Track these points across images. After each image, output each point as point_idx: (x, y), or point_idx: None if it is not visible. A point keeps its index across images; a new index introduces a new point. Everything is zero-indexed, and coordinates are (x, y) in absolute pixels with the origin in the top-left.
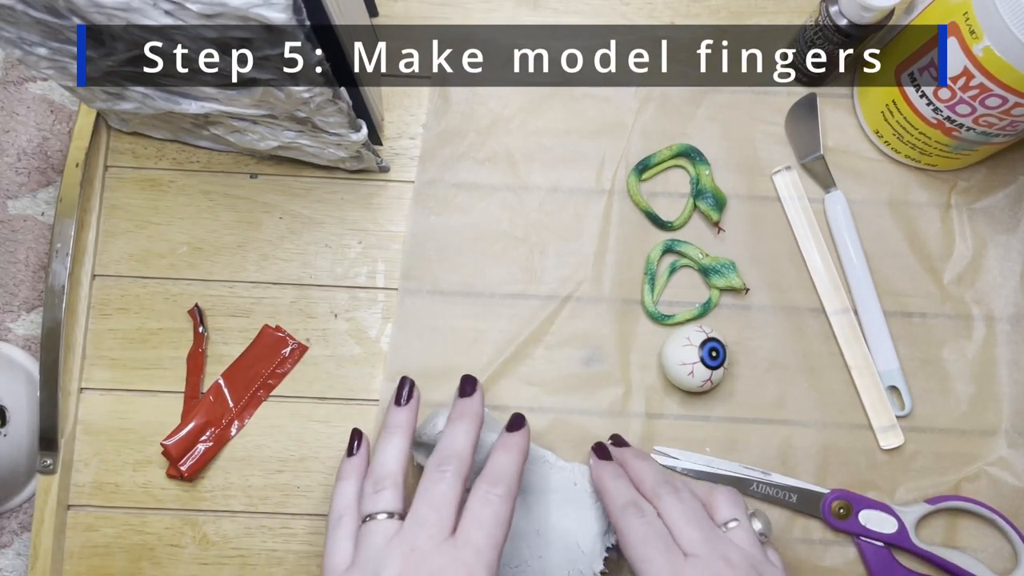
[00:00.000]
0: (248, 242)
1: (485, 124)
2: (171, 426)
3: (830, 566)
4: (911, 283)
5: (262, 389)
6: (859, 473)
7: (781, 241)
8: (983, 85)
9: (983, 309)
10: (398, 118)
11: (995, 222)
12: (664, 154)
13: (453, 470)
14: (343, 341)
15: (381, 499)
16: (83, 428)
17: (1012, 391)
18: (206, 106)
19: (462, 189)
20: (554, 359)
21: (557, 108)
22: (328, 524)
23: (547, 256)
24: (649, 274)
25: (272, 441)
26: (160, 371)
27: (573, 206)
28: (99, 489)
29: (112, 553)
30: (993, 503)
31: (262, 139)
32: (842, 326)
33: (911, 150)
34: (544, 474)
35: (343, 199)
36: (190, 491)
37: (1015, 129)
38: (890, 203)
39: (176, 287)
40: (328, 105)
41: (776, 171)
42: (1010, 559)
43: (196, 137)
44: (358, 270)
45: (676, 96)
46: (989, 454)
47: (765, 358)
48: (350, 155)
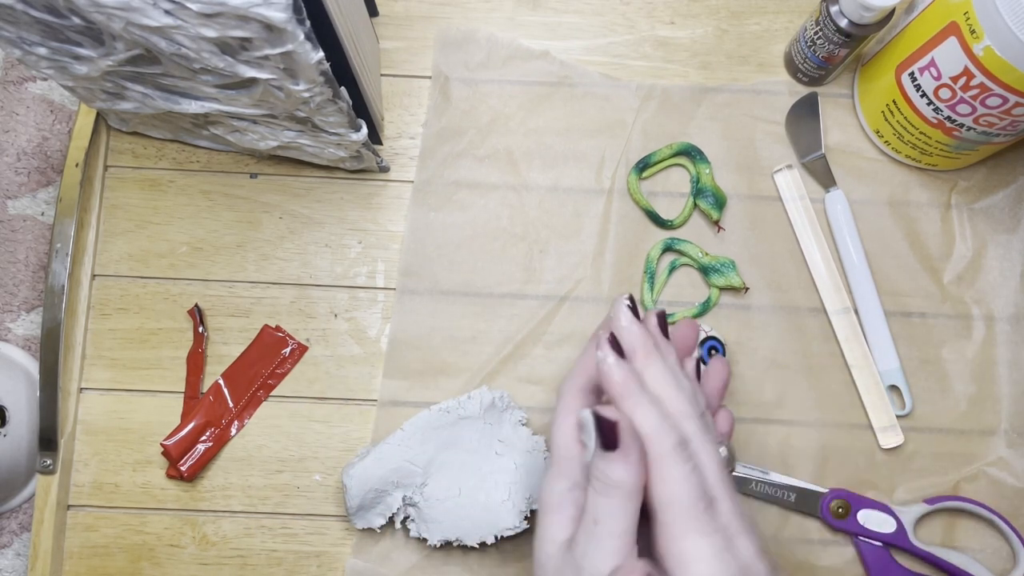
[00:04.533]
0: (248, 242)
1: (485, 121)
2: (171, 426)
3: (828, 566)
4: (911, 283)
5: (262, 389)
6: (858, 473)
7: (781, 240)
8: (983, 85)
9: (983, 309)
10: (398, 117)
11: (995, 222)
12: (664, 153)
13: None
14: (343, 341)
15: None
16: (83, 428)
17: (1011, 391)
18: (206, 106)
19: (461, 186)
20: (553, 358)
21: (557, 106)
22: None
23: (546, 254)
24: (649, 273)
25: (272, 441)
26: (160, 371)
27: (573, 204)
28: (99, 489)
29: (112, 553)
30: (992, 503)
31: (262, 139)
32: (842, 326)
33: (911, 150)
34: (513, 426)
35: (343, 199)
36: (190, 491)
37: (1016, 129)
38: (890, 203)
39: (176, 287)
40: (328, 105)
41: (777, 170)
42: (1008, 559)
43: (196, 137)
44: (358, 270)
45: (676, 95)
46: (988, 454)
47: (765, 357)
48: (350, 155)
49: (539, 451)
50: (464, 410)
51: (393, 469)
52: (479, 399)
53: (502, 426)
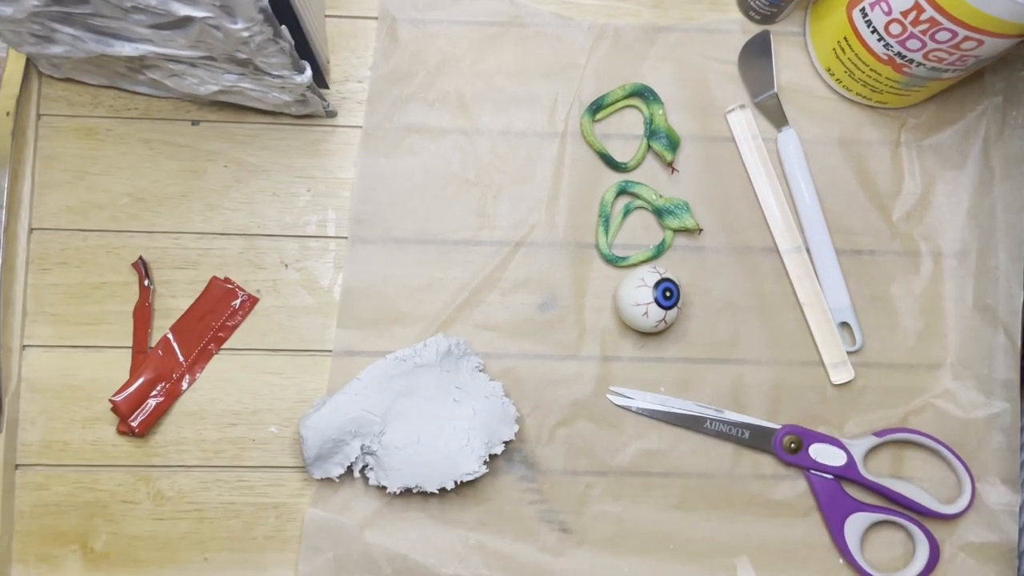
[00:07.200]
0: (192, 192)
1: (434, 63)
2: (119, 382)
3: (781, 499)
4: (862, 221)
5: (212, 342)
6: (810, 409)
7: (734, 181)
8: (933, 19)
9: (931, 245)
10: (344, 60)
11: (943, 159)
12: (617, 94)
13: None
14: (294, 292)
15: None
16: (27, 386)
17: (957, 325)
18: (140, 48)
19: (412, 131)
20: (509, 304)
21: (508, 47)
22: None
23: (500, 200)
24: (603, 216)
25: (225, 395)
26: (105, 326)
27: (526, 148)
28: (47, 448)
29: (64, 511)
30: (939, 434)
31: (202, 83)
32: (794, 265)
33: (862, 87)
34: (471, 372)
35: (290, 145)
36: (142, 447)
37: (964, 64)
38: (841, 141)
39: (118, 239)
40: (269, 45)
41: (730, 110)
42: (954, 487)
43: (133, 83)
44: (307, 219)
45: (629, 34)
46: (935, 387)
47: (718, 298)
48: (295, 99)
49: (497, 397)
50: (420, 358)
51: (350, 419)
52: (435, 347)
53: (459, 373)
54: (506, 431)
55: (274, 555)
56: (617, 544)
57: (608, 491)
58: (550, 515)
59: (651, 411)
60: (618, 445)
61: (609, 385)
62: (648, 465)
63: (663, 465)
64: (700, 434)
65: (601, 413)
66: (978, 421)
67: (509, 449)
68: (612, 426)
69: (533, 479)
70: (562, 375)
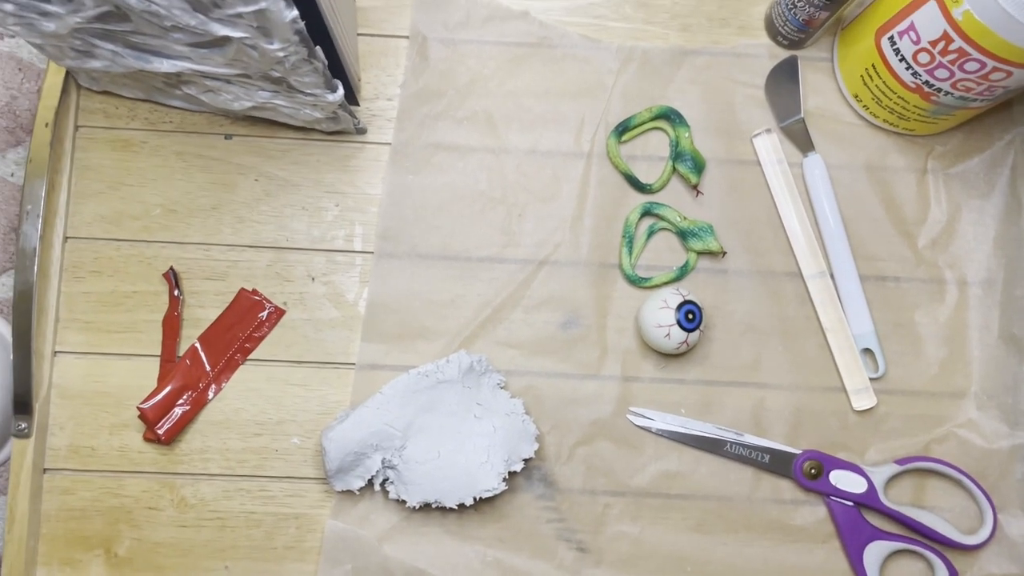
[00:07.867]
0: (223, 204)
1: (463, 83)
2: (147, 390)
3: (800, 525)
4: (886, 247)
5: (239, 353)
6: (831, 434)
7: (759, 205)
8: (962, 49)
9: (956, 273)
10: (375, 78)
11: (970, 187)
12: (644, 116)
13: None
14: (320, 305)
15: None
16: (58, 392)
17: (982, 354)
18: (178, 64)
19: (440, 149)
20: (531, 322)
21: (536, 68)
22: None
23: (525, 218)
24: (627, 237)
25: (250, 405)
26: (135, 335)
27: (551, 168)
28: (75, 452)
29: (89, 516)
30: (961, 464)
31: (236, 99)
32: (818, 289)
33: (889, 114)
34: (492, 389)
35: (319, 161)
36: (167, 454)
37: (992, 94)
38: (867, 167)
39: (150, 250)
40: (303, 64)
41: (756, 134)
42: (976, 518)
43: (169, 96)
44: (335, 233)
45: (656, 57)
46: (958, 416)
47: (741, 321)
48: (326, 116)
49: (517, 414)
50: (443, 374)
51: (372, 432)
52: (458, 363)
53: (480, 389)
54: (526, 449)
55: (293, 565)
56: (634, 565)
57: (626, 512)
58: (568, 534)
59: (671, 432)
60: (637, 466)
61: (629, 405)
62: (667, 487)
63: (682, 487)
64: (720, 457)
65: (621, 433)
66: (1001, 452)
67: (528, 467)
68: (631, 447)
69: (551, 497)
70: (583, 394)
